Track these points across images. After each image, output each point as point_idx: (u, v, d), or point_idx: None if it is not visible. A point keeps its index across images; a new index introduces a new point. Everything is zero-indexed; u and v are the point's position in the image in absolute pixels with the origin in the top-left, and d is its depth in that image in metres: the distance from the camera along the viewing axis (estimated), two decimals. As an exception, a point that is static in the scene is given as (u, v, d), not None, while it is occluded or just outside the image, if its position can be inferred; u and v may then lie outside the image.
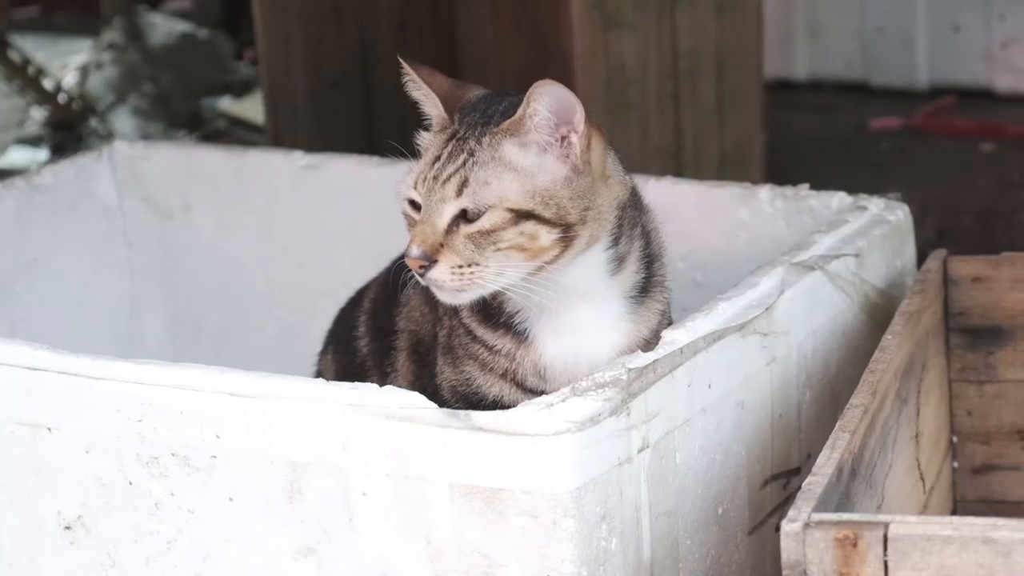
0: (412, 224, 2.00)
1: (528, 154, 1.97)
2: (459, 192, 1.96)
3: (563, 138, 1.98)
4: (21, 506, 2.15)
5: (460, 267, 1.95)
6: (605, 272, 2.05)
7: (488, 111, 2.03)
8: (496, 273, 1.96)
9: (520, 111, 1.97)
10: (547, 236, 1.97)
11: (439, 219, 1.96)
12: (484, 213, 1.95)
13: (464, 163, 1.97)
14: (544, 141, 1.97)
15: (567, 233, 1.97)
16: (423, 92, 2.06)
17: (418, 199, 1.99)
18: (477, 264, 1.95)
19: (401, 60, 2.06)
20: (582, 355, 2.05)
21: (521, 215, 1.95)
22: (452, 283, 1.96)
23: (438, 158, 1.99)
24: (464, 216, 1.96)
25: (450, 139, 2.01)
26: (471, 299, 2.00)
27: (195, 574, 2.06)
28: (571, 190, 1.98)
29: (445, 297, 2.00)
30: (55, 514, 2.13)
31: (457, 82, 2.10)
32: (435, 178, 1.98)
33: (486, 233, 1.95)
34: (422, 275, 1.96)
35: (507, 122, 1.98)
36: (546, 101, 1.96)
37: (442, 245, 1.95)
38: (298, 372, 2.10)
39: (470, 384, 2.08)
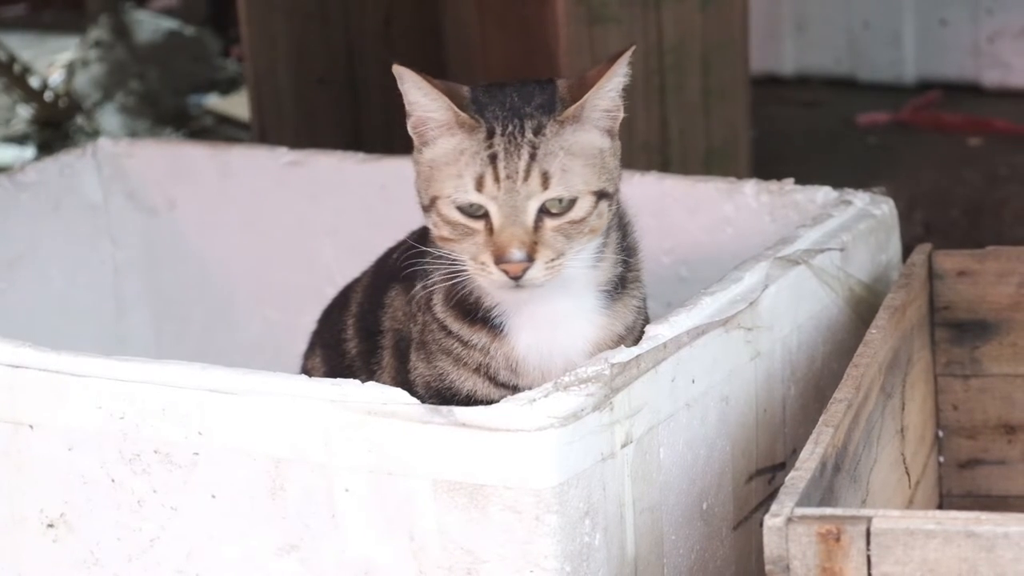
0: (466, 231, 1.96)
1: (590, 135, 1.99)
2: (544, 185, 1.94)
3: (616, 107, 2.01)
4: (3, 504, 2.14)
5: (552, 260, 1.94)
6: (588, 262, 2.03)
7: (507, 102, 1.98)
8: (572, 258, 1.97)
9: (588, 96, 1.97)
10: (607, 210, 2.00)
11: (527, 217, 1.94)
12: (573, 202, 1.95)
13: (533, 156, 1.94)
14: (603, 115, 2.00)
15: (611, 202, 2.01)
16: (432, 97, 1.98)
17: (483, 203, 1.94)
18: (563, 254, 1.95)
19: (406, 69, 1.97)
20: (556, 349, 2.04)
21: (597, 195, 1.97)
22: (543, 277, 1.94)
23: (494, 157, 1.95)
24: (544, 209, 1.94)
25: (490, 137, 1.95)
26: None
27: (178, 571, 2.06)
28: (614, 156, 2.02)
29: (523, 295, 1.98)
30: (37, 512, 2.12)
31: (447, 82, 2.07)
32: (509, 177, 1.94)
33: (576, 222, 1.95)
34: (518, 278, 1.94)
35: (571, 109, 1.96)
36: (617, 81, 1.99)
37: (535, 243, 1.94)
38: (283, 369, 2.09)
39: (443, 379, 2.07)
